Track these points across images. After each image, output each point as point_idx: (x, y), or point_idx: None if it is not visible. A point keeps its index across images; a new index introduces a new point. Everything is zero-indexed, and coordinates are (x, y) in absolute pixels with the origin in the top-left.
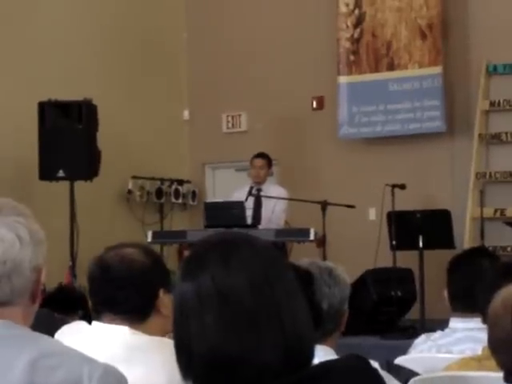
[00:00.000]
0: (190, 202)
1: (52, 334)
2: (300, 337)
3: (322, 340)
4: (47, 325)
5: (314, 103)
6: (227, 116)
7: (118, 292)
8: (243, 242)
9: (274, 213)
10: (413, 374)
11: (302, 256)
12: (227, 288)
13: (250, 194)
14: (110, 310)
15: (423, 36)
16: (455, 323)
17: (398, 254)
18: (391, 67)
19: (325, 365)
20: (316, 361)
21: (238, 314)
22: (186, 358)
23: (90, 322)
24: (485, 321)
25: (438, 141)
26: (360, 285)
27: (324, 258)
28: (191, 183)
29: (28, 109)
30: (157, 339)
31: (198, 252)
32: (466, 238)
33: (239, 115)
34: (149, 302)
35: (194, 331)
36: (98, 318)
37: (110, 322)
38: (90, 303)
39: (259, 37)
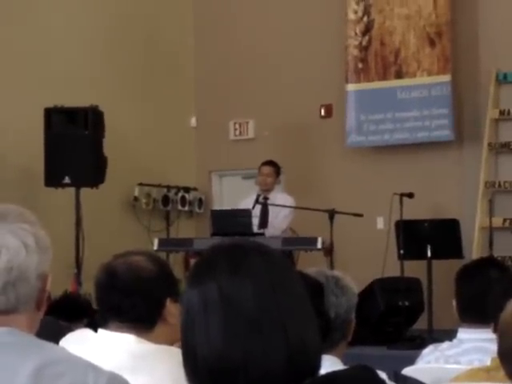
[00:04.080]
0: (197, 210)
1: (57, 342)
2: (305, 346)
3: (328, 350)
4: (52, 332)
5: (322, 111)
6: (234, 123)
7: (125, 299)
8: (252, 249)
9: (277, 218)
10: None
11: (310, 265)
12: (232, 295)
13: (256, 201)
14: (117, 317)
15: (432, 44)
16: (463, 334)
17: (406, 263)
18: (399, 75)
19: (331, 375)
20: (322, 371)
21: (242, 320)
22: (191, 364)
23: (95, 330)
24: (496, 330)
25: (446, 149)
26: (367, 294)
27: (331, 266)
28: (198, 191)
29: (34, 115)
30: (163, 348)
31: (207, 258)
32: (474, 247)
33: (246, 122)
34: (155, 311)
35: (199, 337)
36: (105, 326)
37: (117, 329)
38: (96, 310)
39: (267, 44)
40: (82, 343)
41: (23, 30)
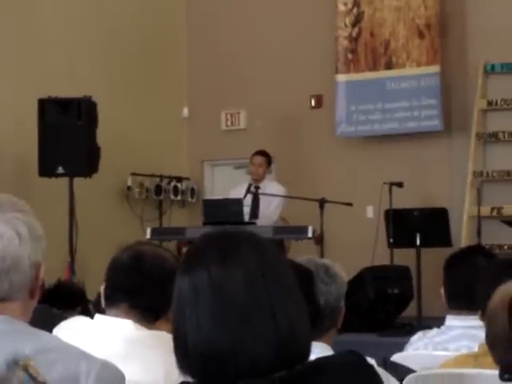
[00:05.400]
0: (189, 199)
1: (50, 330)
2: (295, 334)
3: (318, 337)
4: (45, 320)
5: (313, 101)
6: (226, 113)
7: (147, 283)
8: (243, 238)
9: (269, 208)
10: (409, 371)
11: (300, 253)
12: (222, 282)
13: (248, 191)
14: (130, 300)
15: (421, 35)
16: (451, 321)
17: (396, 251)
18: (389, 66)
19: (320, 361)
20: (312, 357)
21: (232, 308)
22: (182, 350)
23: (91, 318)
24: (483, 317)
25: (435, 139)
26: (357, 282)
27: (321, 255)
28: (190, 180)
29: (28, 105)
30: (157, 333)
31: (197, 246)
32: (462, 236)
33: (238, 113)
34: (166, 305)
35: (190, 323)
36: (113, 307)
37: (124, 313)
38: (103, 292)
39: (258, 35)
40: (77, 330)
41: (17, 21)
